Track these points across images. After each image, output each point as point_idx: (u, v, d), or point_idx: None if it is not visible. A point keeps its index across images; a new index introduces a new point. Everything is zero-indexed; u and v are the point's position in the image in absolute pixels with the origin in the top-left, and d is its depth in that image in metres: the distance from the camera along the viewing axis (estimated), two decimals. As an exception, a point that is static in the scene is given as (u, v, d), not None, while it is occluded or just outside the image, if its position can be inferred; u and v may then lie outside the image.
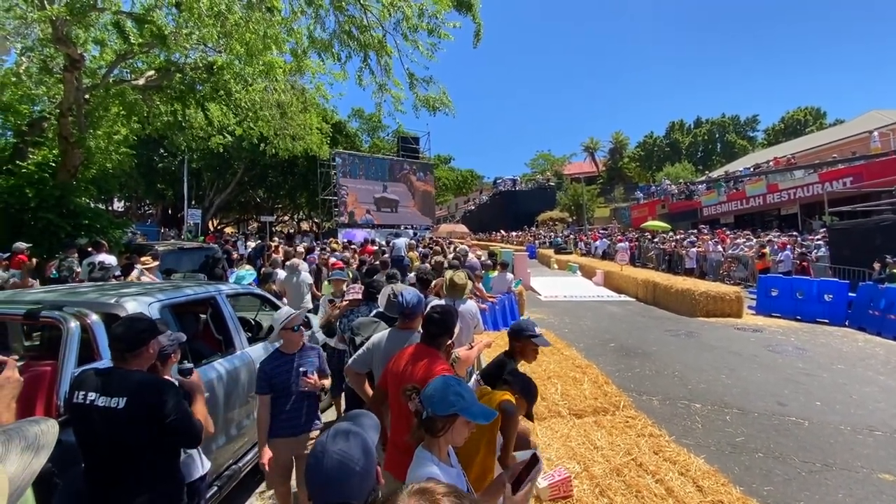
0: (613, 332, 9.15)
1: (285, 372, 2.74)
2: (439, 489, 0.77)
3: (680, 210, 27.97)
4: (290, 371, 2.74)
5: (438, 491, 0.76)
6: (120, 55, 8.90)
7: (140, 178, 23.77)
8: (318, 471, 1.13)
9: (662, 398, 5.44)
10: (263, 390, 2.73)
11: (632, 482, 3.01)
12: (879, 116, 26.00)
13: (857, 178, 18.31)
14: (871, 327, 8.70)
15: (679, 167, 43.05)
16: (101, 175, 10.36)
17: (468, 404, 1.56)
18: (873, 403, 5.22)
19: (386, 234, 23.07)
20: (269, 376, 2.73)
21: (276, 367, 2.76)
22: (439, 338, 2.33)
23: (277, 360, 2.79)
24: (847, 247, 11.70)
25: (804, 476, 3.68)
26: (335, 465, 1.11)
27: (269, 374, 2.74)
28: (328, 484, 1.11)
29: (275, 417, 2.72)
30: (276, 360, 2.80)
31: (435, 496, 0.76)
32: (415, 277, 5.11)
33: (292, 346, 2.87)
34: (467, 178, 49.38)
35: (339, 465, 1.11)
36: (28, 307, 2.60)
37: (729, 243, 17.20)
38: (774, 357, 7.15)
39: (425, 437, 1.59)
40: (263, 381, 2.73)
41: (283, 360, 2.80)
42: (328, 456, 1.13)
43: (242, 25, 6.94)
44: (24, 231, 7.62)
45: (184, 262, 8.64)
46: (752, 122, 53.30)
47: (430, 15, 8.01)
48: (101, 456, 1.89)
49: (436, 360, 2.23)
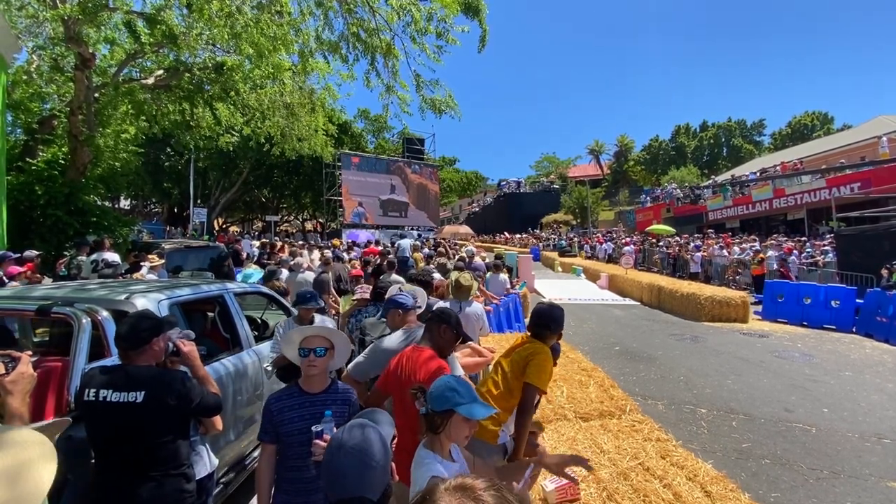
0: (618, 335, 9.12)
1: (298, 419, 1.98)
2: (479, 484, 0.77)
3: (685, 214, 27.87)
4: (305, 419, 1.97)
5: (479, 486, 0.76)
6: (130, 54, 8.99)
7: (147, 176, 23.96)
8: (334, 465, 1.14)
9: (668, 403, 5.41)
10: (266, 436, 2.01)
11: (639, 486, 2.99)
12: (888, 122, 25.82)
13: (865, 183, 18.18)
14: (879, 334, 8.63)
15: (684, 171, 42.90)
16: (109, 173, 10.45)
17: (462, 400, 1.56)
18: (881, 411, 5.17)
19: (391, 235, 23.11)
20: (276, 422, 1.99)
21: (286, 408, 2.00)
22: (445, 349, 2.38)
23: (291, 400, 2.03)
24: (854, 253, 11.62)
25: (811, 483, 3.65)
26: (351, 459, 1.12)
27: (277, 419, 1.99)
28: (344, 478, 1.12)
29: (280, 465, 2.03)
30: (290, 398, 2.03)
31: (476, 492, 0.75)
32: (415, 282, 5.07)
33: (312, 383, 2.06)
34: (472, 179, 49.42)
35: (355, 460, 1.12)
36: (39, 303, 2.63)
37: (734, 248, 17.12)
38: (781, 363, 7.10)
39: (428, 435, 1.61)
40: (268, 425, 2.00)
41: (300, 400, 2.02)
42: (344, 450, 1.14)
43: (252, 26, 6.99)
44: (33, 228, 7.69)
45: (190, 260, 8.69)
46: (759, 126, 53.01)
47: (439, 19, 8.06)
48: (116, 447, 1.91)
49: (437, 360, 2.23)
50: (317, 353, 2.00)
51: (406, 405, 2.17)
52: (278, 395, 2.06)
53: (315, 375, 2.04)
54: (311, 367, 2.01)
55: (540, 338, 2.67)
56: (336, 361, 2.16)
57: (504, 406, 2.50)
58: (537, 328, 2.68)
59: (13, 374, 1.45)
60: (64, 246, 7.62)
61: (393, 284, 3.96)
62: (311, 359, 2.00)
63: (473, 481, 0.78)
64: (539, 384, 2.49)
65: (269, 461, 2.02)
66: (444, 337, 2.36)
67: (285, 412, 1.99)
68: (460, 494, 0.76)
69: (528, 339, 2.71)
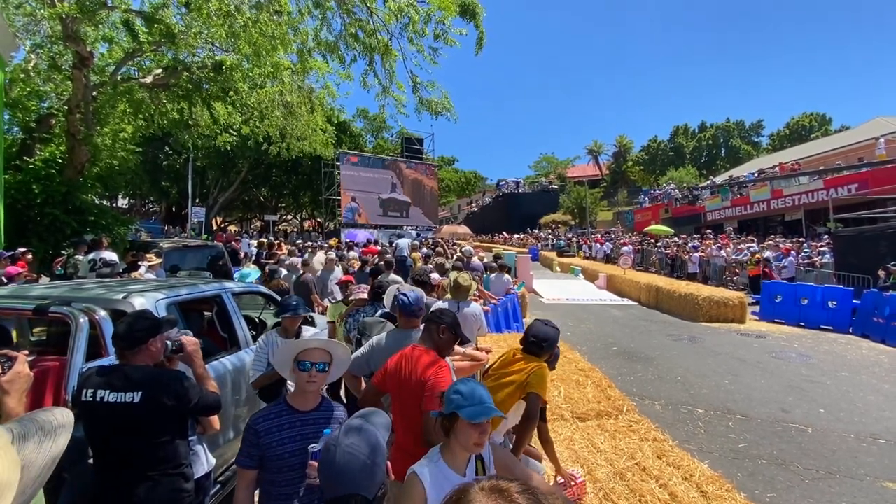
0: (616, 335, 9.13)
1: (289, 440, 1.77)
2: (514, 487, 0.77)
3: (683, 214, 27.92)
4: (297, 440, 1.78)
5: (514, 490, 0.77)
6: (129, 53, 8.97)
7: (145, 175, 23.90)
8: (329, 464, 1.17)
9: (665, 403, 5.43)
10: (248, 461, 1.76)
11: (635, 486, 3.01)
12: (885, 123, 25.91)
13: (862, 184, 18.23)
14: (875, 335, 8.66)
15: (683, 171, 42.97)
16: (107, 172, 10.44)
17: (464, 402, 1.56)
18: (878, 412, 5.19)
19: (389, 235, 23.11)
20: (263, 445, 1.74)
21: (276, 428, 1.78)
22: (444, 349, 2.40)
23: (280, 419, 1.80)
24: (851, 254, 11.66)
25: (807, 483, 3.66)
26: (345, 458, 1.15)
27: (264, 441, 1.75)
28: (338, 476, 1.15)
29: (266, 492, 1.80)
30: (278, 417, 1.81)
31: (512, 495, 0.76)
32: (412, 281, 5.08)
33: (307, 399, 1.87)
34: (471, 179, 49.49)
35: (349, 459, 1.15)
36: (37, 303, 2.62)
37: (732, 248, 17.15)
38: (778, 363, 7.12)
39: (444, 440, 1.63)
40: (251, 448, 1.75)
41: (291, 419, 1.81)
42: (339, 449, 1.17)
43: (250, 26, 6.98)
44: (31, 227, 7.67)
45: (188, 259, 8.69)
46: (757, 127, 53.13)
47: (436, 20, 8.07)
48: (113, 447, 1.91)
49: (437, 360, 2.24)
50: (318, 368, 1.81)
51: (404, 404, 2.18)
52: (264, 415, 1.82)
53: (311, 392, 1.87)
54: (311, 382, 1.81)
55: (534, 355, 2.65)
56: (332, 375, 1.99)
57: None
58: (533, 346, 2.66)
59: (9, 373, 1.45)
60: (61, 245, 7.60)
61: (391, 284, 3.97)
62: (311, 374, 1.80)
63: (509, 484, 0.79)
64: (542, 393, 2.49)
65: (250, 489, 1.79)
66: (442, 337, 2.36)
67: (274, 433, 1.77)
68: (496, 496, 0.77)
69: (522, 356, 2.67)
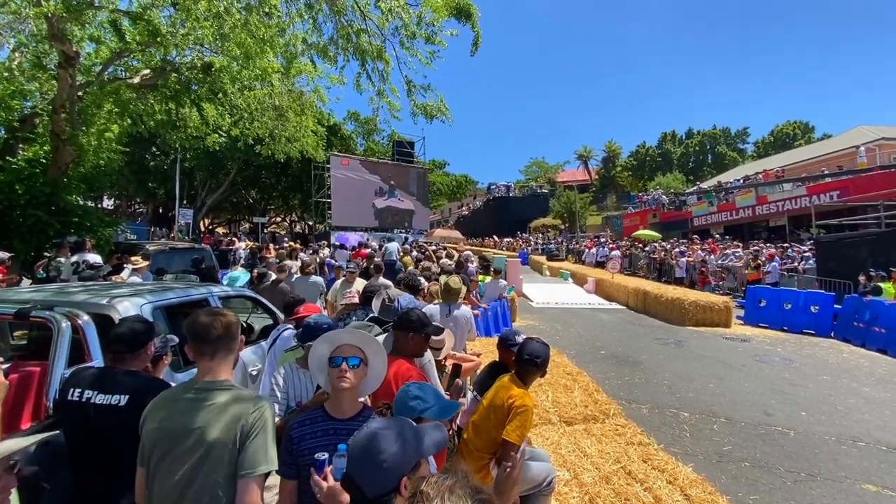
0: (604, 339, 9.21)
1: (321, 448, 1.53)
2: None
3: (671, 220, 28.25)
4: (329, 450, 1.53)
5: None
6: (116, 53, 8.86)
7: (131, 175, 23.51)
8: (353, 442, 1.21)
9: (651, 406, 5.48)
10: (286, 470, 1.61)
11: (621, 490, 3.04)
12: (866, 132, 26.56)
13: (843, 191, 18.64)
14: (856, 339, 8.85)
15: (670, 177, 43.56)
16: (93, 172, 10.27)
17: (428, 404, 1.56)
18: (857, 414, 5.30)
19: (379, 238, 23.04)
20: (296, 452, 1.61)
21: (308, 435, 1.63)
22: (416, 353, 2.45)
23: (314, 426, 1.65)
24: (833, 259, 11.91)
25: (789, 485, 3.73)
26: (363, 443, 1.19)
27: (297, 449, 1.61)
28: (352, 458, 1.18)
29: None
30: (312, 424, 1.66)
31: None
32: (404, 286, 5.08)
33: (341, 403, 1.68)
34: (461, 183, 49.47)
35: (365, 446, 1.18)
36: (18, 306, 2.58)
37: (718, 253, 17.40)
38: (761, 367, 7.24)
39: None
40: (288, 456, 1.61)
41: (325, 427, 1.65)
42: (365, 434, 1.20)
43: (239, 28, 6.94)
44: (13, 228, 7.52)
45: (175, 262, 8.58)
46: (743, 134, 54.13)
47: (427, 23, 8.08)
48: (96, 451, 1.88)
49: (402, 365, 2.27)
50: (350, 363, 1.66)
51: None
52: (300, 421, 1.70)
53: (344, 393, 1.66)
54: (342, 378, 1.63)
55: (525, 374, 2.58)
56: (369, 383, 1.78)
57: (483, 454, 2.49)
58: (526, 364, 2.56)
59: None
60: (44, 246, 7.46)
61: (380, 288, 3.97)
62: (342, 368, 1.64)
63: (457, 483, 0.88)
64: (517, 442, 2.34)
65: (290, 500, 1.61)
66: (412, 342, 2.38)
67: (307, 440, 1.62)
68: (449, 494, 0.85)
69: (512, 379, 2.59)
